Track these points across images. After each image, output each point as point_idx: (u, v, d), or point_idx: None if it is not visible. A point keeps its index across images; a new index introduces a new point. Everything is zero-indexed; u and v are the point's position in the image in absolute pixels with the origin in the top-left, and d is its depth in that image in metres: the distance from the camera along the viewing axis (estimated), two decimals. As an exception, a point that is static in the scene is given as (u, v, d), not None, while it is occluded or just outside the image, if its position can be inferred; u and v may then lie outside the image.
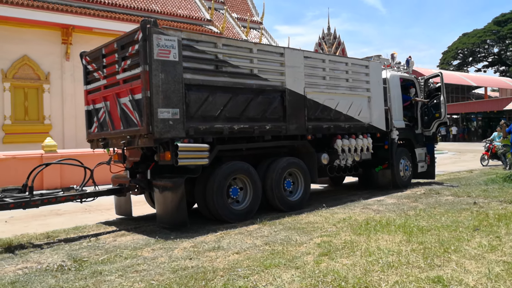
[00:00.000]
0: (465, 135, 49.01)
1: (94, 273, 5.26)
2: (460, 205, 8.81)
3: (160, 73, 7.19)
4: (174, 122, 7.34)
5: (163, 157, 7.55)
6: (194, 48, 7.70)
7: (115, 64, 8.07)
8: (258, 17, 34.21)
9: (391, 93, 11.88)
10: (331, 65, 10.15)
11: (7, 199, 7.23)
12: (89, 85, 9.11)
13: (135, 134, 7.63)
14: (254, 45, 8.80)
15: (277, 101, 8.97)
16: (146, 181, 8.09)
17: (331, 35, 38.52)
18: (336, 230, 6.95)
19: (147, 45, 7.14)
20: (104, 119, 8.66)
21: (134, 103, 7.59)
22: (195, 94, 7.69)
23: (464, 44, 66.38)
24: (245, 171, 8.35)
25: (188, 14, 25.33)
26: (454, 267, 4.86)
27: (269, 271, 4.96)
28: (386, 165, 11.63)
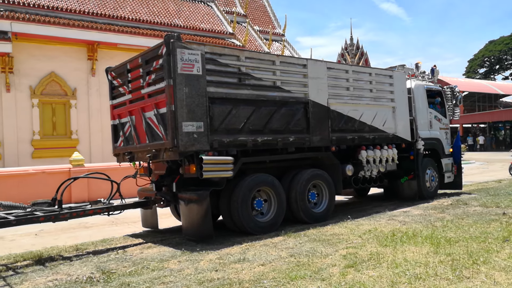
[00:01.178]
0: (492, 144, 48.09)
1: (122, 284, 5.34)
2: (488, 215, 8.65)
3: (184, 87, 7.30)
4: (198, 135, 7.42)
5: (188, 170, 7.64)
6: (217, 61, 7.80)
7: (140, 78, 8.21)
8: (280, 29, 34.37)
9: (416, 103, 11.79)
10: (355, 75, 10.12)
11: (37, 212, 7.40)
12: (115, 100, 9.25)
13: (160, 148, 7.72)
14: (277, 57, 8.82)
15: (300, 112, 8.97)
16: (172, 194, 8.18)
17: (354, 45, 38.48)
18: (362, 241, 6.90)
19: (171, 60, 7.25)
20: (130, 133, 8.78)
21: (159, 117, 7.69)
22: (219, 107, 7.76)
23: (491, 51, 65.41)
24: (269, 183, 8.36)
25: (210, 28, 25.62)
26: (484, 279, 4.78)
27: (294, 283, 4.96)
28: (411, 176, 11.48)
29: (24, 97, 19.95)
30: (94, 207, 7.97)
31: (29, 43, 19.79)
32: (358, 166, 10.16)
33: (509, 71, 68.32)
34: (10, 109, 19.54)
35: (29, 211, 7.43)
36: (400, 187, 11.74)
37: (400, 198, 11.76)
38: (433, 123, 12.38)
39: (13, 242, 8.62)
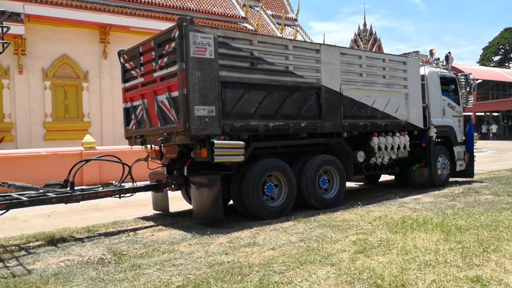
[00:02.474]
0: (506, 133, 47.60)
1: (133, 266, 5.40)
2: (500, 204, 8.61)
3: (196, 70, 7.25)
4: (210, 119, 7.41)
5: (199, 154, 7.69)
6: (229, 45, 7.74)
7: (152, 62, 8.17)
8: (293, 13, 34.11)
9: (429, 90, 11.72)
10: (368, 61, 10.05)
11: (49, 193, 7.46)
12: (127, 83, 9.24)
13: (172, 131, 7.74)
14: (290, 41, 8.73)
15: (312, 98, 8.92)
16: (183, 177, 8.20)
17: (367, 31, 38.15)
18: (372, 228, 6.91)
19: (183, 43, 7.21)
20: (142, 116, 8.80)
21: (171, 100, 7.69)
22: (231, 92, 7.73)
23: (506, 39, 64.47)
24: (280, 168, 8.36)
25: (223, 11, 25.49)
26: (494, 267, 4.77)
27: (304, 268, 4.99)
28: (423, 163, 11.46)
29: (36, 79, 20.04)
30: (106, 190, 8.03)
31: (42, 25, 19.83)
32: (369, 153, 10.15)
33: (524, 59, 67.43)
34: (23, 91, 19.69)
35: (41, 193, 7.50)
36: (412, 175, 11.73)
37: (411, 186, 11.73)
38: (446, 111, 12.27)
39: (26, 223, 8.74)
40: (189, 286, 4.58)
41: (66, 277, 5.10)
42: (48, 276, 5.14)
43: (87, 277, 5.09)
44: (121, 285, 4.77)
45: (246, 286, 4.50)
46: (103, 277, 5.05)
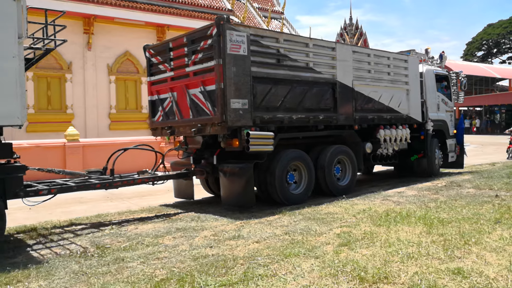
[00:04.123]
0: (488, 127, 48.20)
1: (117, 259, 5.38)
2: (481, 197, 8.72)
3: (232, 66, 7.80)
4: (243, 111, 7.97)
5: (230, 144, 8.17)
6: (259, 43, 8.32)
7: (184, 57, 8.62)
8: (280, 7, 34.03)
9: (426, 87, 12.49)
10: (375, 59, 10.77)
11: (92, 180, 7.80)
12: (153, 77, 9.64)
13: (207, 123, 8.21)
14: (310, 40, 9.37)
15: (329, 93, 9.60)
16: (211, 166, 8.76)
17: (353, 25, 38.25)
18: (356, 221, 6.95)
19: (220, 40, 7.70)
20: (171, 108, 9.18)
21: (206, 94, 8.16)
22: (261, 86, 8.31)
23: (489, 35, 65.12)
24: (301, 158, 9.00)
25: (209, 4, 25.34)
26: (475, 259, 4.83)
27: (288, 260, 5.01)
28: (421, 154, 12.18)
29: None
30: (142, 177, 8.40)
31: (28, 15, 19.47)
32: (376, 144, 10.91)
33: (506, 54, 68.15)
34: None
35: (85, 179, 7.89)
36: (410, 165, 12.43)
37: (409, 175, 12.42)
38: (440, 106, 13.05)
39: (7, 216, 8.61)
40: (173, 279, 4.57)
41: (48, 271, 5.05)
42: (30, 270, 5.09)
43: (69, 270, 5.05)
44: (104, 278, 4.74)
45: (230, 279, 4.50)
46: (85, 270, 5.02)
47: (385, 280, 4.30)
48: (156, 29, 22.87)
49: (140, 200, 10.11)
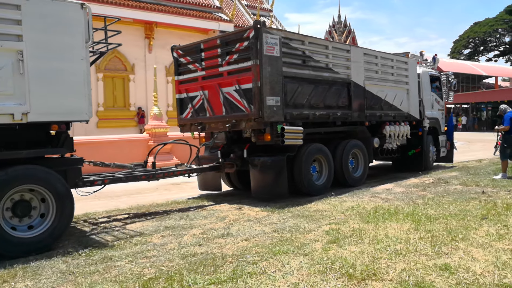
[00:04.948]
0: (474, 125, 48.61)
1: (104, 258, 5.34)
2: (468, 194, 8.80)
3: (267, 66, 8.42)
4: (277, 108, 8.60)
5: (261, 138, 8.78)
6: (289, 45, 8.97)
7: (217, 58, 9.16)
8: (268, 4, 33.95)
9: (422, 87, 13.39)
10: (382, 61, 11.66)
11: (136, 172, 8.31)
12: (181, 76, 10.16)
13: (242, 119, 8.80)
14: (330, 42, 10.26)
15: (345, 91, 10.39)
16: (241, 159, 9.30)
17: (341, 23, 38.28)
18: (345, 218, 6.98)
19: (257, 42, 8.32)
20: (202, 105, 9.71)
21: (241, 92, 8.72)
22: (290, 85, 8.98)
23: (476, 33, 65.55)
24: (323, 151, 9.77)
25: (198, 1, 25.21)
26: (462, 255, 4.88)
27: (277, 258, 5.01)
28: (419, 149, 13.01)
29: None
30: (180, 169, 9.01)
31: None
32: (382, 139, 11.79)
33: (492, 52, 68.68)
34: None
35: (131, 171, 8.45)
36: (407, 159, 13.20)
37: (406, 169, 13.02)
38: (434, 105, 13.99)
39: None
40: (161, 278, 4.55)
41: (34, 270, 5.01)
42: (16, 270, 5.04)
43: (56, 270, 5.01)
44: (91, 277, 4.71)
45: (219, 277, 4.49)
46: (73, 270, 4.98)
47: (374, 277, 4.32)
48: (144, 26, 22.80)
49: (128, 198, 10.06)
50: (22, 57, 5.62)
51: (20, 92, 5.62)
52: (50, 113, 5.94)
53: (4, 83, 5.49)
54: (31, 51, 5.69)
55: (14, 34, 5.62)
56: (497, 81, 56.18)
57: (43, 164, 6.04)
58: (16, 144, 6.00)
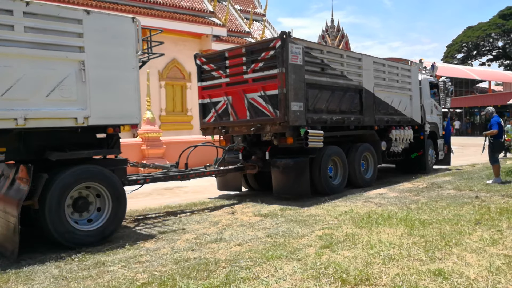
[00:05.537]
0: (468, 129, 48.81)
1: (97, 263, 5.31)
2: (462, 199, 8.82)
3: (292, 74, 9.02)
4: (300, 113, 9.19)
5: (284, 141, 9.42)
6: (310, 54, 9.63)
7: (242, 65, 9.79)
8: (261, 9, 33.99)
9: (423, 93, 14.10)
10: (389, 69, 12.38)
11: (171, 172, 8.87)
12: (204, 82, 10.79)
13: (266, 123, 9.41)
14: (344, 51, 11.12)
15: (357, 97, 11.08)
16: (263, 161, 9.97)
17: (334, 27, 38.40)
18: (338, 223, 6.97)
19: (283, 52, 8.91)
20: (225, 110, 10.32)
21: (266, 97, 9.34)
22: (311, 91, 9.62)
23: (469, 37, 65.90)
24: (339, 153, 10.41)
25: (190, 5, 25.20)
26: (455, 260, 4.88)
27: (270, 263, 5.00)
28: (421, 152, 13.71)
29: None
30: (209, 169, 9.66)
31: None
32: (389, 143, 12.42)
33: (486, 57, 69.11)
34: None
35: (166, 171, 9.01)
36: (410, 162, 13.80)
37: (408, 171, 13.65)
38: (433, 110, 14.70)
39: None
40: (154, 283, 4.53)
41: (27, 275, 4.97)
42: (9, 275, 5.01)
43: (49, 275, 4.97)
44: (84, 283, 4.68)
45: (212, 282, 4.47)
46: (66, 275, 4.94)
47: (367, 282, 4.32)
48: (138, 31, 22.83)
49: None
50: (83, 66, 6.25)
51: (82, 98, 6.25)
52: (107, 117, 6.59)
53: (68, 90, 6.13)
54: (91, 61, 6.32)
55: (77, 46, 6.25)
56: (491, 85, 56.52)
57: (97, 164, 6.74)
58: (75, 146, 6.58)
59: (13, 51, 5.72)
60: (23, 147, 6.26)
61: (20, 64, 5.77)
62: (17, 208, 5.65)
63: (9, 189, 6.17)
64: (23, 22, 5.79)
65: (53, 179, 6.01)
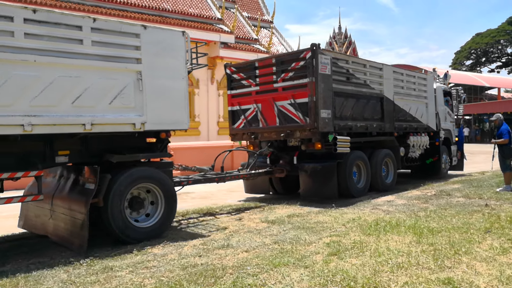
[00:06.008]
0: (477, 136, 48.52)
1: (105, 268, 5.32)
2: (471, 206, 8.75)
3: (321, 83, 9.67)
4: (328, 120, 9.81)
5: (312, 147, 10.05)
6: (337, 64, 10.26)
7: (272, 75, 10.47)
8: (269, 16, 34.11)
9: (437, 101, 14.62)
10: (407, 77, 13.01)
11: (208, 175, 9.41)
12: (234, 90, 11.48)
13: (296, 129, 10.08)
14: (367, 61, 11.47)
15: (379, 105, 11.67)
16: (290, 165, 10.52)
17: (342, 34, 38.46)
18: (346, 230, 6.94)
19: (313, 62, 9.55)
20: (255, 117, 10.99)
21: (296, 105, 10.00)
22: (338, 99, 10.23)
23: (477, 44, 65.65)
24: (362, 158, 10.90)
25: (199, 13, 25.36)
26: (465, 269, 4.84)
27: (278, 270, 4.98)
28: (436, 158, 14.24)
29: None
30: (242, 173, 10.32)
31: None
32: (407, 149, 12.93)
33: (495, 63, 68.72)
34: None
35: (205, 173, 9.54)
36: (426, 167, 14.34)
37: (425, 176, 14.09)
38: (446, 117, 15.18)
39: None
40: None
41: (36, 280, 4.99)
42: (18, 279, 5.03)
43: (57, 279, 4.99)
44: (92, 287, 4.68)
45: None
46: (74, 279, 4.96)
47: (375, 290, 4.29)
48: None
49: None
50: (140, 76, 6.82)
51: (139, 105, 6.82)
52: (161, 122, 7.16)
53: (128, 98, 6.68)
54: (147, 72, 6.89)
55: (135, 58, 6.83)
56: (500, 92, 56.14)
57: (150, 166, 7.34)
58: (129, 149, 7.11)
59: (82, 63, 6.29)
60: (84, 150, 6.81)
61: (87, 75, 6.33)
62: (85, 206, 6.20)
63: (72, 189, 6.81)
64: (91, 37, 6.37)
65: (115, 179, 6.58)
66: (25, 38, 5.78)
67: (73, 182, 6.92)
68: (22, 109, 5.74)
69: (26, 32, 5.78)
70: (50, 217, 7.01)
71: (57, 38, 6.07)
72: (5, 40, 5.64)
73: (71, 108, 6.16)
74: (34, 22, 5.88)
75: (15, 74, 5.70)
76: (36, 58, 5.86)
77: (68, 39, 6.17)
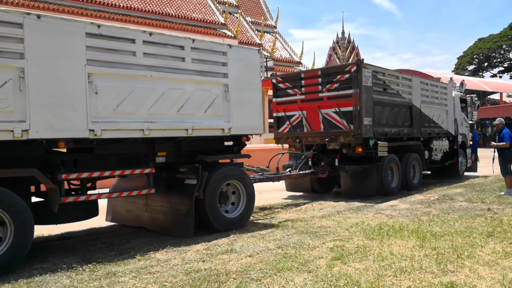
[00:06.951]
0: (480, 141, 48.41)
1: (108, 274, 5.32)
2: (474, 211, 8.74)
3: (364, 94, 10.89)
4: (369, 127, 11.03)
5: (353, 150, 11.30)
6: (376, 77, 11.48)
7: (318, 85, 11.73)
8: (272, 21, 34.26)
9: (455, 108, 15.75)
10: (431, 87, 14.27)
11: (266, 174, 10.48)
12: (279, 98, 12.72)
13: (340, 134, 11.26)
14: (399, 73, 12.86)
15: (408, 113, 12.88)
16: (332, 167, 11.67)
17: (345, 39, 38.45)
18: (349, 234, 6.94)
19: (358, 75, 10.79)
20: (299, 123, 12.18)
21: (341, 113, 11.22)
22: (376, 108, 11.41)
23: (480, 49, 65.65)
24: (396, 161, 12.01)
25: (202, 17, 25.47)
26: (468, 273, 4.84)
27: (281, 275, 4.98)
28: (454, 160, 15.41)
29: None
30: (293, 173, 11.45)
31: None
32: (430, 152, 14.10)
33: (497, 68, 68.69)
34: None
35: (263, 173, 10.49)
36: (444, 169, 15.41)
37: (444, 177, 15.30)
38: (462, 123, 16.31)
39: None
40: (165, 294, 4.53)
41: (38, 285, 5.00)
42: (21, 284, 5.04)
43: (60, 285, 4.99)
44: (95, 293, 4.69)
45: (222, 293, 4.46)
46: (77, 285, 4.96)
47: (378, 295, 4.29)
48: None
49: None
50: (227, 89, 7.87)
51: (226, 113, 7.87)
52: (243, 128, 8.20)
53: (218, 107, 7.74)
54: (232, 84, 7.94)
55: (223, 73, 7.87)
56: (502, 97, 56.03)
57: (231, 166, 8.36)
58: (213, 151, 8.25)
59: (185, 77, 7.36)
60: (177, 152, 7.89)
61: (188, 87, 7.40)
62: (190, 198, 7.28)
63: (170, 185, 7.88)
64: (191, 55, 7.44)
65: (210, 176, 7.60)
66: (144, 57, 6.84)
67: (167, 179, 7.92)
68: (142, 116, 6.79)
69: (144, 52, 6.85)
70: (145, 210, 8.10)
71: (166, 56, 7.13)
72: (129, 59, 6.71)
73: (177, 115, 7.22)
74: (150, 43, 6.94)
75: (137, 87, 6.75)
76: (152, 74, 6.92)
77: (173, 57, 7.24)
